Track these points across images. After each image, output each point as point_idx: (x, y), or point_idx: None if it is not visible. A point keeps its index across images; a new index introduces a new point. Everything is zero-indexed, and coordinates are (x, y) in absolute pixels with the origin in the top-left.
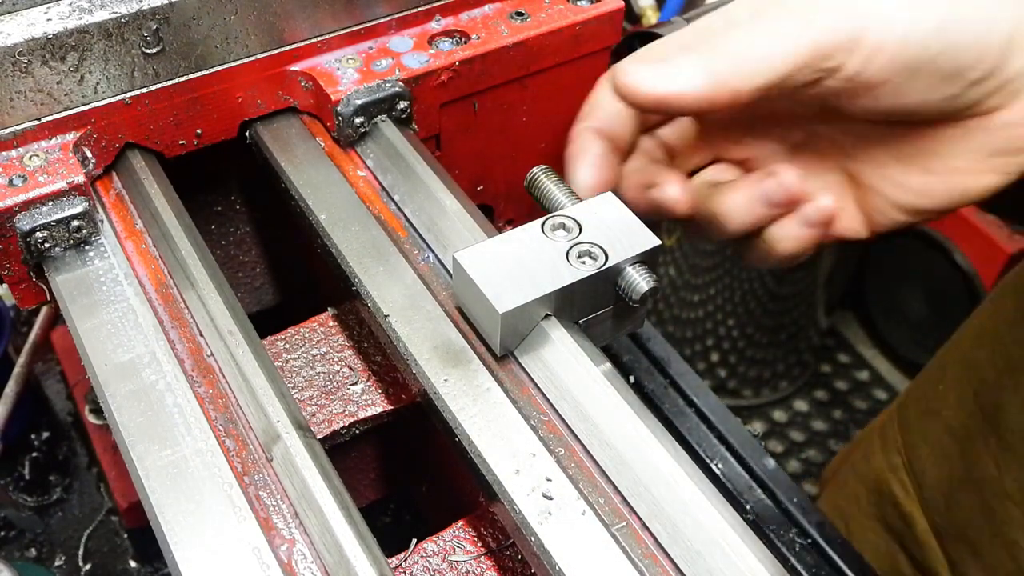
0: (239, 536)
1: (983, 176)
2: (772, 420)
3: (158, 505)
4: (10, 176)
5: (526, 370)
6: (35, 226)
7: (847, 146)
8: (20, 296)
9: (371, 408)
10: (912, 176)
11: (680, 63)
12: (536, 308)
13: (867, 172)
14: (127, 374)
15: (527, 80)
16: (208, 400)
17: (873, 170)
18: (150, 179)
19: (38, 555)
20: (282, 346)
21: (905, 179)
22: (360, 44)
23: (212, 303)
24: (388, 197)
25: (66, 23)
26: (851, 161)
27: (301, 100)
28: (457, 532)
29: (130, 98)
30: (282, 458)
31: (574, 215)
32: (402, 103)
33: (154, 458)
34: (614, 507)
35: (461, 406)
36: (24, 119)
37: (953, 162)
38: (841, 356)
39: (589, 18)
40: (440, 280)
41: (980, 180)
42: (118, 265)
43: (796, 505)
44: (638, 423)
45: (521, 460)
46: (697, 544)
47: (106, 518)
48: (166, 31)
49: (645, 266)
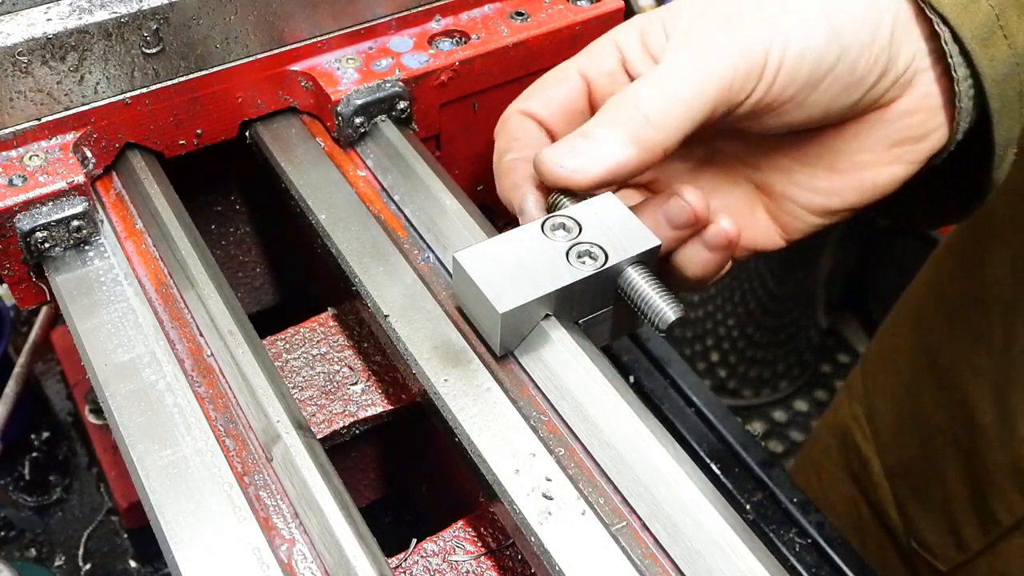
0: (239, 536)
1: (888, 168)
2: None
3: (158, 505)
4: (10, 176)
5: (526, 370)
6: (35, 226)
7: (751, 158)
8: (20, 296)
9: (371, 408)
10: (819, 178)
11: (603, 138)
12: (536, 308)
13: (774, 180)
14: (127, 374)
15: (527, 80)
16: (208, 400)
17: (780, 177)
18: (150, 179)
19: (38, 555)
20: (282, 346)
21: (813, 182)
22: (360, 44)
23: (212, 303)
24: (388, 197)
25: (66, 23)
26: (757, 172)
27: (301, 100)
28: (457, 532)
29: (130, 98)
30: (282, 458)
31: (574, 215)
32: (402, 103)
33: (154, 458)
34: (614, 507)
35: (461, 406)
36: (24, 119)
37: (857, 158)
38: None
39: (589, 18)
40: (440, 280)
41: (885, 172)
42: (118, 265)
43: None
44: (638, 423)
45: (521, 460)
46: (697, 544)
47: (106, 518)
48: (166, 31)
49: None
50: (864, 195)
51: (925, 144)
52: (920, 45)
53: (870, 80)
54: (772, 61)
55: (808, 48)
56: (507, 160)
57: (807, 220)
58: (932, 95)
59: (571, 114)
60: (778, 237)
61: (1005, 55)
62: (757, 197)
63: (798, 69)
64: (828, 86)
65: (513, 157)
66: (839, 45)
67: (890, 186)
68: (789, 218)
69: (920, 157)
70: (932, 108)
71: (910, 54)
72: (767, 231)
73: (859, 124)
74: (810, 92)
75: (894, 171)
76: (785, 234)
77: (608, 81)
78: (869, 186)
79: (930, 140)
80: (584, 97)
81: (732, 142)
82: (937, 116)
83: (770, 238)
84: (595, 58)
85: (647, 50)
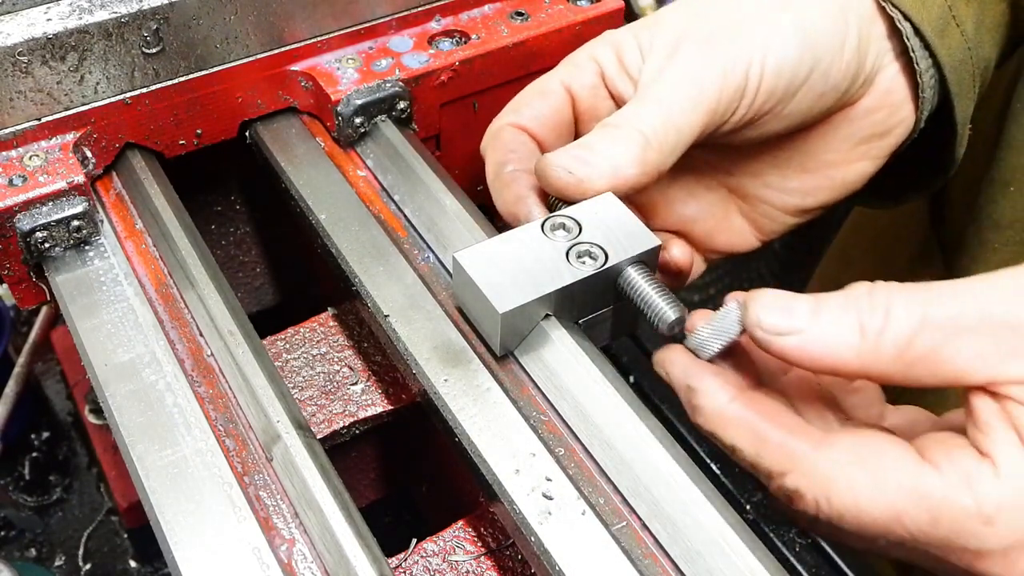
0: (239, 536)
1: (855, 165)
2: None
3: (158, 505)
4: (10, 176)
5: (526, 370)
6: (35, 226)
7: (723, 164)
8: (20, 296)
9: (371, 408)
10: (790, 179)
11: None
12: (536, 308)
13: (746, 184)
14: (127, 374)
15: (527, 80)
16: (208, 400)
17: (752, 181)
18: (150, 179)
19: (38, 555)
20: (282, 346)
21: (784, 183)
22: (360, 44)
23: (212, 303)
24: (388, 197)
25: (66, 23)
26: (729, 177)
27: (301, 100)
28: (457, 532)
29: (130, 98)
30: (282, 458)
31: (574, 215)
32: (402, 103)
33: (154, 458)
34: (614, 507)
35: (461, 406)
36: (24, 119)
37: (826, 157)
38: None
39: (589, 18)
40: (440, 280)
41: (853, 169)
42: (118, 265)
43: None
44: (638, 423)
45: (521, 460)
46: (697, 544)
47: (106, 518)
48: (166, 31)
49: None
50: (835, 192)
51: (889, 139)
52: (883, 44)
53: (843, 85)
54: (752, 78)
55: (785, 61)
56: (507, 172)
57: (781, 220)
58: (893, 91)
59: (559, 126)
60: (753, 238)
61: (958, 42)
62: (731, 200)
63: (776, 83)
64: (803, 95)
65: (513, 169)
66: (812, 55)
67: (859, 182)
68: (763, 219)
69: (885, 152)
70: (894, 104)
71: (874, 54)
72: (742, 232)
73: (826, 125)
74: (787, 103)
75: (862, 167)
76: (761, 235)
77: (590, 94)
78: (839, 184)
79: (893, 135)
80: (569, 109)
81: (704, 150)
82: (899, 112)
83: (745, 239)
84: (575, 71)
85: (624, 67)
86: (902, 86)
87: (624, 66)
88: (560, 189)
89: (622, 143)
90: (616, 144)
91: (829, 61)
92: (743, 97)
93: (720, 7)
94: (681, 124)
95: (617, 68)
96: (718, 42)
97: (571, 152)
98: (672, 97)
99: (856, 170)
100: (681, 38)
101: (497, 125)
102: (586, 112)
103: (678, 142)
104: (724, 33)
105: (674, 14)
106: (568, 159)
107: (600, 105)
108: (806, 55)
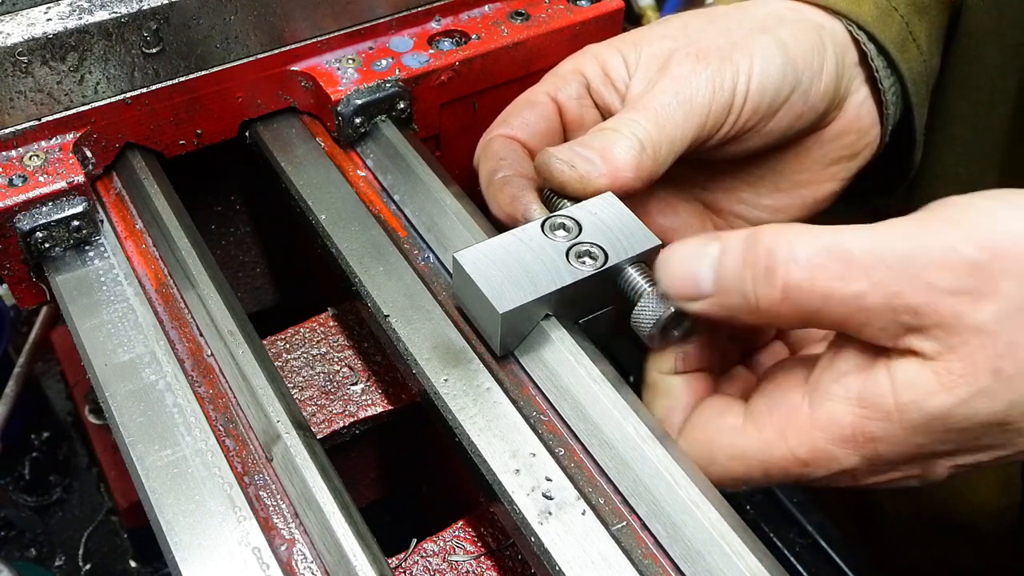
0: (239, 536)
1: (824, 185)
2: None
3: (158, 505)
4: (10, 176)
5: (526, 370)
6: (35, 226)
7: (699, 179)
8: (20, 296)
9: (371, 408)
10: (763, 196)
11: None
12: (536, 308)
13: (720, 199)
14: (127, 374)
15: (527, 80)
16: (208, 400)
17: (726, 196)
18: (150, 179)
19: (38, 555)
20: (282, 346)
21: (758, 200)
22: (360, 44)
23: (212, 303)
24: (388, 197)
25: (66, 23)
26: (704, 192)
27: (301, 100)
28: (457, 532)
29: (130, 98)
30: (282, 458)
31: (574, 215)
32: (402, 103)
33: (154, 458)
34: (614, 507)
35: (461, 406)
36: (24, 119)
37: (798, 177)
38: None
39: (589, 18)
40: (440, 280)
41: (822, 189)
42: (118, 265)
43: (796, 505)
44: (638, 423)
45: (521, 460)
46: (697, 544)
47: (106, 518)
48: (166, 31)
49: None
50: (806, 210)
51: (857, 161)
52: (855, 70)
53: (821, 106)
54: (739, 96)
55: (769, 79)
56: (499, 177)
57: None
58: (862, 116)
59: (548, 135)
60: None
61: (916, 56)
62: (706, 215)
63: (760, 100)
64: (784, 114)
65: (504, 174)
66: (795, 75)
67: (828, 201)
68: None
69: (851, 173)
70: (862, 129)
71: (847, 78)
72: None
73: (799, 146)
74: (768, 121)
75: (829, 187)
76: None
77: (576, 105)
78: (810, 202)
79: (861, 157)
80: (557, 119)
81: (683, 165)
82: (866, 136)
83: None
84: (561, 83)
85: (609, 78)
86: (870, 111)
87: (609, 77)
88: (562, 184)
89: (621, 146)
90: (616, 146)
91: (809, 81)
92: (729, 114)
93: (707, 26)
94: (674, 136)
95: (602, 79)
96: (709, 59)
97: (573, 148)
98: (665, 109)
99: (825, 190)
100: (671, 53)
101: (487, 137)
102: (573, 122)
103: (670, 152)
104: (714, 50)
105: (659, 30)
106: (571, 154)
107: (586, 115)
108: (788, 75)
